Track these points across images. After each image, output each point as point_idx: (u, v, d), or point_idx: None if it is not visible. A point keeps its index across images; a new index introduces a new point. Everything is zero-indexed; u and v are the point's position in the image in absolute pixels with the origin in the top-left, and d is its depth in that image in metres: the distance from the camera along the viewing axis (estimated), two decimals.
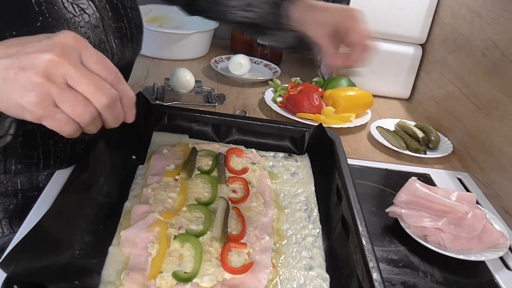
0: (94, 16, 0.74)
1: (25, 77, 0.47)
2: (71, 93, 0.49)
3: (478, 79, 1.15)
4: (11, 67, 0.48)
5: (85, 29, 0.72)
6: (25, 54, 0.48)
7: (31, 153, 0.79)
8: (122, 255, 0.65)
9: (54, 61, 0.48)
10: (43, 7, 0.65)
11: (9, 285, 0.54)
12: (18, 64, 0.48)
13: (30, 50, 0.49)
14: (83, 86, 0.49)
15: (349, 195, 0.75)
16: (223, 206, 0.73)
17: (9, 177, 0.79)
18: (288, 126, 0.98)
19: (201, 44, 1.62)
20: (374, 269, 0.61)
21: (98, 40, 0.76)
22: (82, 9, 0.72)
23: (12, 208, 0.82)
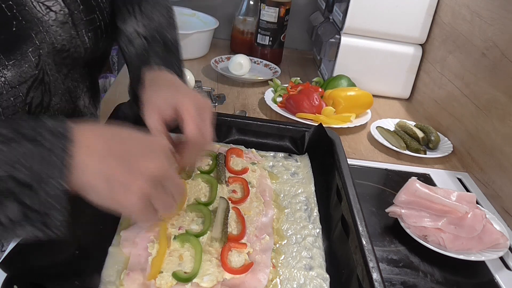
0: (61, 12, 0.71)
1: (132, 181, 0.52)
2: (165, 195, 0.55)
3: (478, 79, 1.15)
4: (117, 168, 0.51)
5: (54, 28, 0.70)
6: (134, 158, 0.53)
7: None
8: (122, 255, 0.65)
9: (160, 169, 0.54)
10: (15, 10, 0.63)
11: (9, 285, 0.54)
12: (126, 167, 0.52)
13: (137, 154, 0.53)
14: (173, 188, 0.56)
15: (349, 195, 0.75)
16: (223, 206, 0.73)
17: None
18: (288, 126, 0.98)
19: (201, 44, 1.62)
20: (374, 269, 0.61)
21: (68, 37, 0.72)
22: (48, 7, 0.69)
23: None
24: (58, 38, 0.69)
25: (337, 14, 1.47)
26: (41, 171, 0.47)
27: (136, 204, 0.52)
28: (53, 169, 0.48)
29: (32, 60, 0.64)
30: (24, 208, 0.47)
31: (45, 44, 0.67)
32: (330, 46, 1.44)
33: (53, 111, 0.69)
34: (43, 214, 0.48)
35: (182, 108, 0.65)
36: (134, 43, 0.80)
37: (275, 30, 1.60)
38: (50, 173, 0.47)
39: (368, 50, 1.45)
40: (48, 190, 0.47)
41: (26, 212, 0.48)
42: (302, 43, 1.87)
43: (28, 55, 0.64)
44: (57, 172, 0.48)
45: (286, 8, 1.58)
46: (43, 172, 0.47)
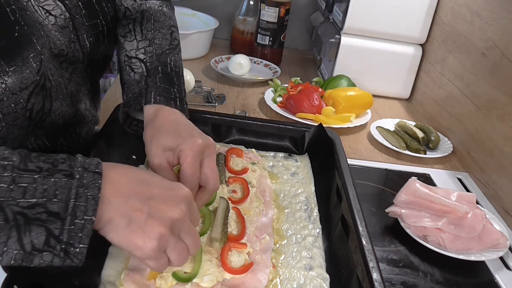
0: (62, 17, 0.70)
1: (153, 226, 0.53)
2: (181, 245, 0.56)
3: (478, 79, 1.15)
4: (140, 210, 0.53)
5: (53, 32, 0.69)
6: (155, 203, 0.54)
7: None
8: (122, 255, 0.65)
9: (180, 218, 0.55)
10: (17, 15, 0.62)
11: (9, 285, 0.54)
12: (149, 211, 0.53)
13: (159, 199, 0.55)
14: (189, 240, 0.57)
15: (349, 195, 0.75)
16: (223, 206, 0.73)
17: None
18: (288, 126, 0.98)
19: (201, 44, 1.62)
20: (374, 269, 0.61)
21: (67, 41, 0.72)
22: (47, 11, 0.68)
23: None
24: (57, 43, 0.69)
25: (337, 14, 1.47)
26: (74, 204, 0.50)
27: (150, 247, 0.53)
28: (85, 202, 0.50)
29: (33, 66, 0.64)
30: (49, 236, 0.49)
31: (45, 49, 0.66)
32: (330, 46, 1.44)
33: (54, 116, 0.69)
34: (67, 243, 0.50)
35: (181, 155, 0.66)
36: (133, 67, 0.80)
37: (275, 30, 1.60)
38: (82, 206, 0.50)
39: (368, 50, 1.45)
40: (77, 222, 0.50)
41: (49, 240, 0.50)
42: (302, 43, 1.87)
43: (30, 61, 0.63)
44: (89, 206, 0.50)
45: (286, 8, 1.58)
46: (76, 204, 0.50)
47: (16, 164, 0.49)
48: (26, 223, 0.49)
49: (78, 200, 0.50)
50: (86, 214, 0.50)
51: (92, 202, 0.51)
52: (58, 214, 0.49)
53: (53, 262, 0.51)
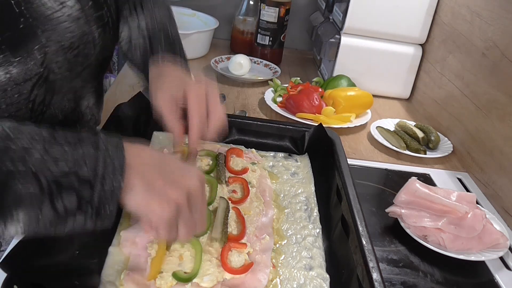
0: (75, 7, 0.71)
1: (171, 193, 0.55)
2: (192, 219, 0.58)
3: (478, 79, 1.15)
4: (160, 178, 0.56)
5: (67, 24, 0.70)
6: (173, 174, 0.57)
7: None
8: (122, 255, 0.65)
9: (196, 189, 0.58)
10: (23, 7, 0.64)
11: (9, 285, 0.54)
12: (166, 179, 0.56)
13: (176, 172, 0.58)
14: (199, 216, 0.59)
15: (349, 195, 0.75)
16: (223, 206, 0.73)
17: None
18: (288, 126, 0.98)
19: (201, 44, 1.62)
20: (374, 269, 0.61)
21: (80, 33, 0.73)
22: (61, 3, 0.69)
23: None
24: (67, 36, 0.70)
25: (337, 14, 1.47)
26: (102, 170, 0.53)
27: (167, 213, 0.55)
28: (113, 169, 0.54)
29: (37, 58, 0.65)
30: (81, 200, 0.52)
31: (52, 42, 0.67)
32: (330, 46, 1.44)
33: (53, 109, 0.70)
34: (98, 207, 0.53)
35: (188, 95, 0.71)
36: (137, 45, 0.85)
37: (275, 30, 1.60)
38: (110, 173, 0.53)
39: (368, 50, 1.45)
40: (106, 187, 0.53)
41: (81, 204, 0.53)
42: (302, 43, 1.87)
43: (34, 53, 0.65)
44: (117, 172, 0.54)
45: (286, 8, 1.58)
46: (104, 171, 0.53)
47: (46, 137, 0.52)
48: (58, 191, 0.51)
49: (107, 168, 0.53)
50: (115, 181, 0.53)
51: (119, 169, 0.54)
52: (89, 182, 0.52)
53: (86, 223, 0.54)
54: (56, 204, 0.51)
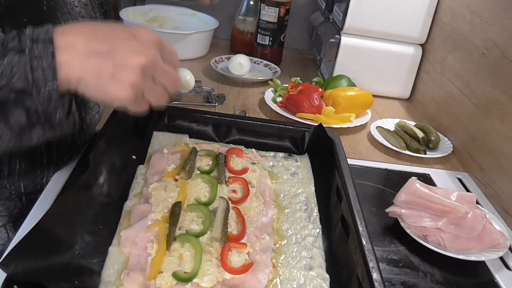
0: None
1: (123, 76, 0.54)
2: (156, 87, 0.58)
3: (478, 79, 1.15)
4: (105, 66, 0.54)
5: (79, 8, 0.75)
6: (119, 54, 0.54)
7: (34, 150, 0.79)
8: (122, 255, 0.65)
9: (148, 62, 0.56)
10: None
11: (9, 285, 0.54)
12: (114, 63, 0.54)
13: (123, 49, 0.55)
14: (165, 80, 0.59)
15: (349, 195, 0.75)
16: (223, 206, 0.73)
17: (13, 181, 0.80)
18: (288, 126, 0.98)
19: (201, 44, 1.62)
20: (374, 269, 0.61)
21: (89, 18, 0.78)
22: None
23: (16, 212, 0.82)
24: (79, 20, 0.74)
25: (337, 14, 1.47)
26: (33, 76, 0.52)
27: (126, 96, 0.55)
28: (42, 72, 0.52)
29: None
30: (27, 112, 0.52)
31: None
32: (330, 46, 1.44)
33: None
34: (44, 113, 0.53)
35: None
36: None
37: (275, 30, 1.60)
38: (40, 76, 0.52)
39: (368, 50, 1.45)
40: (43, 91, 0.52)
41: (30, 116, 0.53)
42: (302, 43, 1.87)
43: None
44: (47, 74, 0.52)
45: (286, 8, 1.58)
46: (34, 77, 0.52)
47: None
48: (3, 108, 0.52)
49: (35, 72, 0.51)
50: (47, 83, 0.52)
51: (49, 70, 0.52)
52: (24, 90, 0.52)
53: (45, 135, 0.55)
54: (9, 121, 0.52)
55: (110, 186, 0.76)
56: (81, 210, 0.69)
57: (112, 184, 0.77)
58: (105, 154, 0.78)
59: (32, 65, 0.52)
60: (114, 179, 0.78)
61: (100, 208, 0.72)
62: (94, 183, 0.73)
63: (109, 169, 0.77)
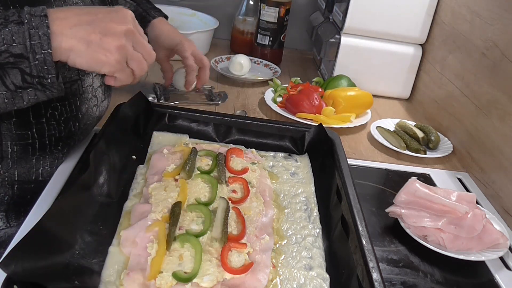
0: None
1: (109, 42, 0.64)
2: (138, 54, 0.68)
3: (478, 79, 1.15)
4: (93, 33, 0.63)
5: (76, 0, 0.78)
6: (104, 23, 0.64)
7: (25, 133, 0.79)
8: (122, 255, 0.65)
9: (130, 30, 0.66)
10: None
11: (9, 285, 0.54)
12: (100, 31, 0.63)
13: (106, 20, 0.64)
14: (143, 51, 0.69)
15: (349, 195, 0.75)
16: (223, 206, 0.73)
17: (7, 167, 0.80)
18: (288, 126, 0.98)
19: (201, 44, 1.62)
20: (374, 269, 0.61)
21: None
22: None
23: (7, 200, 0.82)
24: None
25: (337, 14, 1.47)
26: (30, 43, 0.60)
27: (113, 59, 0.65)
28: (39, 39, 0.61)
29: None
30: (23, 74, 0.61)
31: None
32: (330, 46, 1.44)
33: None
34: (38, 76, 0.62)
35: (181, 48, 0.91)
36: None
37: (275, 30, 1.60)
38: (37, 43, 0.61)
39: (368, 50, 1.45)
40: (38, 56, 0.61)
41: (25, 77, 0.62)
42: (302, 43, 1.87)
43: None
44: (43, 41, 0.61)
45: (286, 8, 1.58)
46: (32, 43, 0.61)
47: None
48: (1, 69, 0.60)
49: (33, 39, 0.60)
50: (43, 49, 0.61)
51: (44, 38, 0.61)
52: (22, 55, 0.61)
53: (37, 95, 0.64)
54: (5, 81, 0.61)
55: (110, 186, 0.76)
56: (81, 210, 0.69)
57: (112, 184, 0.77)
58: (105, 154, 0.78)
59: (30, 34, 0.60)
60: (114, 179, 0.78)
61: (100, 208, 0.72)
62: (94, 183, 0.73)
63: (109, 169, 0.77)
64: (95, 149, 0.75)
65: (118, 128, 0.85)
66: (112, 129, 0.84)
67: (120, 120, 0.87)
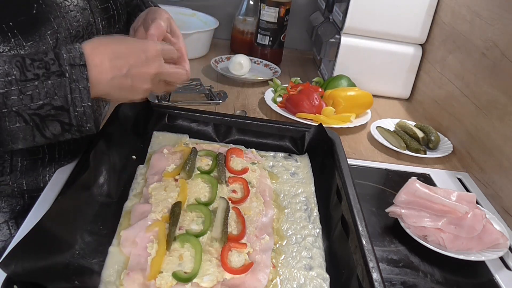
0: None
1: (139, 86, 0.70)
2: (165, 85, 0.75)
3: (478, 79, 1.15)
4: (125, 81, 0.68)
5: (74, 13, 0.77)
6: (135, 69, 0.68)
7: (36, 149, 0.80)
8: (122, 255, 0.65)
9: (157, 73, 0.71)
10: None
11: (9, 285, 0.54)
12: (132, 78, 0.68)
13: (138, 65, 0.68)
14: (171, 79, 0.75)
15: (349, 195, 0.75)
16: (223, 206, 0.73)
17: (15, 178, 0.80)
18: (288, 126, 0.98)
19: (201, 44, 1.62)
20: (374, 269, 0.61)
21: (86, 23, 0.79)
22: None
23: (19, 209, 0.82)
24: (74, 24, 0.76)
25: (337, 14, 1.47)
26: (71, 97, 0.63)
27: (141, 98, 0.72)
28: (79, 93, 0.64)
29: (49, 43, 0.71)
30: (62, 124, 0.65)
31: (62, 29, 0.73)
32: (330, 46, 1.44)
33: None
34: (77, 125, 0.66)
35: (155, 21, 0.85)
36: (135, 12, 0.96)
37: (275, 30, 1.60)
38: (77, 97, 0.64)
39: (368, 50, 1.45)
40: (78, 109, 0.64)
41: (64, 127, 0.65)
42: (302, 43, 1.87)
43: (47, 38, 0.71)
44: (83, 95, 0.64)
45: (286, 8, 1.58)
46: (73, 97, 0.63)
47: (17, 77, 0.60)
48: (42, 121, 0.63)
49: (74, 93, 0.63)
50: (83, 102, 0.64)
51: (84, 92, 0.64)
52: (62, 107, 0.63)
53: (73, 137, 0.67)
54: (44, 133, 0.64)
55: (110, 186, 0.76)
56: (81, 210, 0.69)
57: (112, 184, 0.77)
58: (105, 154, 0.78)
59: (71, 87, 0.63)
60: (114, 179, 0.78)
61: (100, 208, 0.72)
62: (94, 183, 0.73)
63: (109, 169, 0.77)
64: (95, 149, 0.75)
65: (118, 128, 0.85)
66: (112, 129, 0.84)
67: (120, 120, 0.87)
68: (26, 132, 0.62)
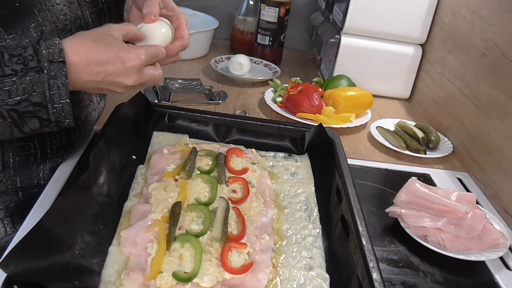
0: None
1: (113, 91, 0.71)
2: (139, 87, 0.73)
3: (478, 79, 1.15)
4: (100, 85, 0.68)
5: (61, 6, 0.76)
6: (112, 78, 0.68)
7: (26, 144, 0.79)
8: (122, 255, 0.65)
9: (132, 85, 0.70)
10: None
11: (9, 285, 0.54)
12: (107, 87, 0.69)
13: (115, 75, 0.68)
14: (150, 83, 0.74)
15: (349, 195, 0.75)
16: (223, 206, 0.73)
17: (9, 175, 0.80)
18: (288, 126, 0.98)
19: (201, 44, 1.62)
20: (374, 269, 0.61)
21: (74, 17, 0.78)
22: None
23: (13, 206, 0.82)
24: (61, 18, 0.75)
25: (337, 14, 1.47)
26: (49, 93, 0.63)
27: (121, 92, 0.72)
28: (57, 90, 0.63)
29: (33, 36, 0.70)
30: (41, 120, 0.64)
31: (47, 22, 0.72)
32: (330, 46, 1.44)
33: None
34: (56, 121, 0.66)
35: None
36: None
37: (275, 30, 1.60)
38: (56, 93, 0.63)
39: (368, 50, 1.45)
40: (57, 105, 0.64)
41: (42, 123, 0.65)
42: (302, 43, 1.87)
43: (30, 31, 0.69)
44: (61, 92, 0.64)
45: (286, 8, 1.58)
46: (51, 94, 0.63)
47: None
48: (20, 117, 0.63)
49: (52, 89, 0.63)
50: (61, 99, 0.64)
51: (63, 88, 0.64)
52: (41, 103, 0.63)
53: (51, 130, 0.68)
54: (23, 129, 0.64)
55: (110, 186, 0.76)
56: (81, 210, 0.69)
57: (112, 184, 0.77)
58: (105, 154, 0.78)
59: (49, 84, 0.62)
60: (114, 179, 0.78)
61: (100, 208, 0.72)
62: (94, 183, 0.73)
63: (109, 169, 0.77)
64: (95, 149, 0.75)
65: (118, 128, 0.85)
66: (112, 129, 0.84)
67: (120, 120, 0.87)
68: (4, 128, 0.62)
